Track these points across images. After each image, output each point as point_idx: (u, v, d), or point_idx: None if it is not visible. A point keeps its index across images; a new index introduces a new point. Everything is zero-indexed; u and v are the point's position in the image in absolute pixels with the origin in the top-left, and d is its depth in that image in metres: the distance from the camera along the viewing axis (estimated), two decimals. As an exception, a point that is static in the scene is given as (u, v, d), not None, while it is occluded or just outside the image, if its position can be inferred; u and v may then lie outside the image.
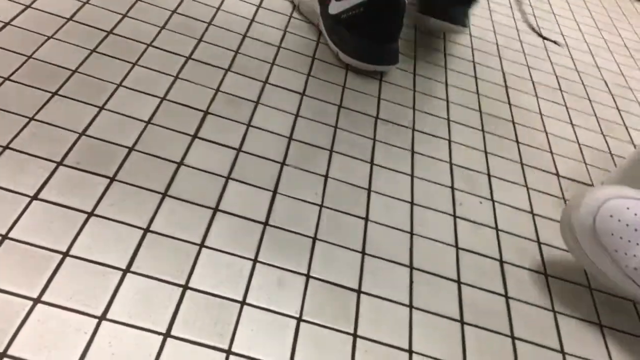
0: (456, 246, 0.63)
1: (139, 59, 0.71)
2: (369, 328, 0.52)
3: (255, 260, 0.54)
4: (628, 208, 0.55)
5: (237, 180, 0.61)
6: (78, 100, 0.63)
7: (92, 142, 0.59)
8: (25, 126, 0.58)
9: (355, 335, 0.51)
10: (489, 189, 0.72)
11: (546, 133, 0.87)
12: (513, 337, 0.56)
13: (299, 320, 0.50)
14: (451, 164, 0.74)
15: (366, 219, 0.62)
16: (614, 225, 0.56)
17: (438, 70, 0.92)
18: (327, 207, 0.62)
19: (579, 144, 0.87)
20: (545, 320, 0.59)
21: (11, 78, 0.62)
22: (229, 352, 0.46)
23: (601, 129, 0.93)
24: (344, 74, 0.83)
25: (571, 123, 0.91)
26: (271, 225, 0.57)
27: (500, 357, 0.53)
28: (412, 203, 0.66)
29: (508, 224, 0.68)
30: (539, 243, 0.67)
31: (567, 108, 0.95)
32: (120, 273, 0.48)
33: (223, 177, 0.61)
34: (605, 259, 0.57)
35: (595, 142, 0.89)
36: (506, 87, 0.94)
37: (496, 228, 0.67)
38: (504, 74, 0.97)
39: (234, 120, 0.68)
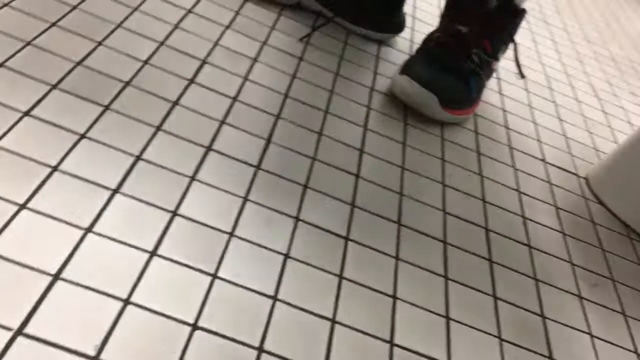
0: (444, 211, 0.63)
1: (140, 4, 0.71)
2: (355, 272, 0.51)
3: (245, 199, 0.53)
4: None
5: (231, 126, 0.60)
6: (77, 34, 0.62)
7: (88, 72, 0.58)
8: (21, 49, 0.57)
9: (341, 277, 0.50)
10: (477, 165, 0.73)
11: (535, 124, 0.88)
12: (495, 297, 0.56)
13: (287, 256, 0.50)
14: (443, 138, 0.75)
15: (357, 176, 0.62)
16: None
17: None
18: (320, 161, 0.61)
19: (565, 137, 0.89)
20: (527, 285, 0.59)
21: (11, 5, 0.61)
22: (214, 276, 0.45)
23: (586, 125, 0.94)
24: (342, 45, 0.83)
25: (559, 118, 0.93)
26: (263, 170, 0.57)
27: (483, 319, 0.53)
28: (403, 168, 0.66)
29: (495, 198, 0.69)
30: (524, 218, 0.68)
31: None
32: (109, 192, 0.48)
33: (217, 120, 0.60)
34: None
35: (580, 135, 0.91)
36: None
37: (483, 200, 0.68)
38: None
39: (232, 72, 0.68)
